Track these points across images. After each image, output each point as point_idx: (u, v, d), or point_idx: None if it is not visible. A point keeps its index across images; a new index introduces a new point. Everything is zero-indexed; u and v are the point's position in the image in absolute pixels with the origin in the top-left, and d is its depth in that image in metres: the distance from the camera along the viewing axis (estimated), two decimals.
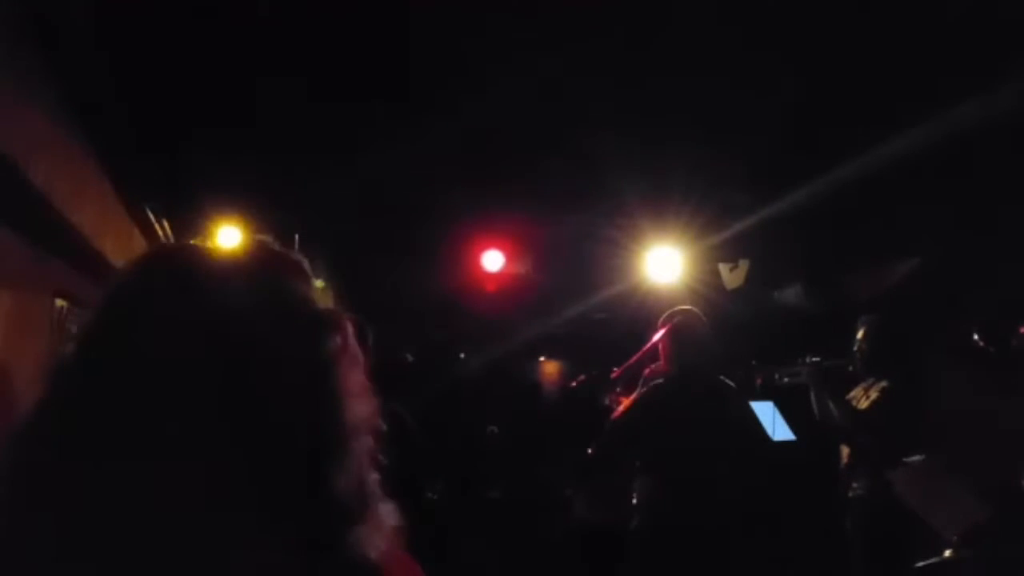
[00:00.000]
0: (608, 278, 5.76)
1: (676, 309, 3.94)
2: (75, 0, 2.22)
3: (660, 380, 3.80)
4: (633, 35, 3.11)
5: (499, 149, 4.13)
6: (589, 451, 3.88)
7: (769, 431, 4.94)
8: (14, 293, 2.24)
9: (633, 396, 3.86)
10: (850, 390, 4.08)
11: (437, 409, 5.37)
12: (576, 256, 5.73)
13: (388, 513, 0.78)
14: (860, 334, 4.06)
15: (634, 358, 4.12)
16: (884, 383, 3.88)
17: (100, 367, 0.71)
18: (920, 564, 2.70)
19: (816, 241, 5.30)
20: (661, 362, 3.89)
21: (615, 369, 4.31)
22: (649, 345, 4.00)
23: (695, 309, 3.97)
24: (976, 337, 3.76)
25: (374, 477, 0.78)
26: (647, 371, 3.95)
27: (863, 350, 4.05)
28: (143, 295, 0.75)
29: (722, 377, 3.86)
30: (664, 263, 5.39)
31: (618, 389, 4.36)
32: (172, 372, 0.69)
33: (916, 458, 3.12)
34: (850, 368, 4.14)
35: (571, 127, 3.78)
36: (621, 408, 3.85)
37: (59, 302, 2.64)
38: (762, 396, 4.85)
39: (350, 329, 0.82)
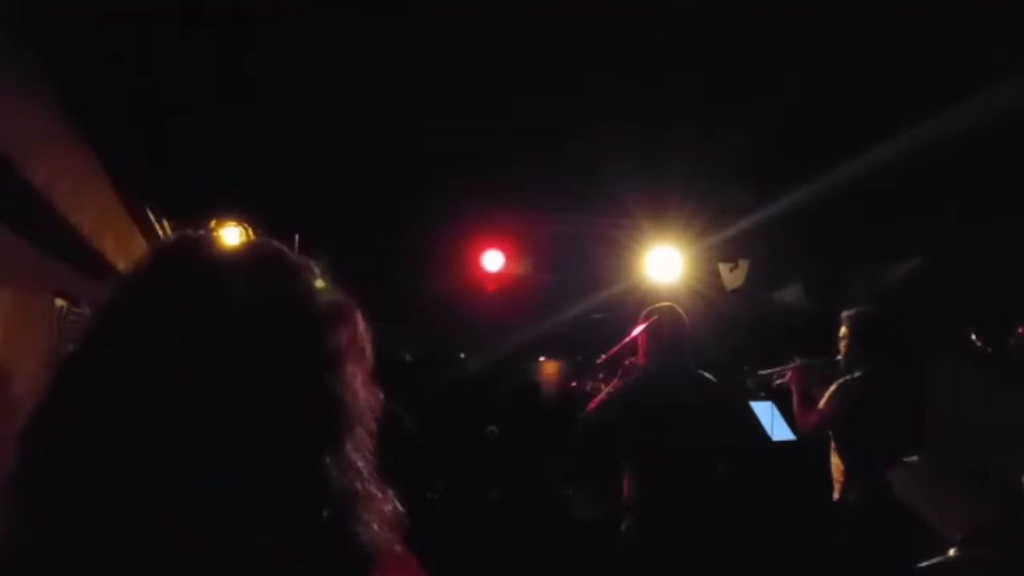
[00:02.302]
0: (608, 278, 5.76)
1: (656, 306, 3.97)
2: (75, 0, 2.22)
3: (634, 376, 3.85)
4: (634, 33, 3.11)
5: (499, 149, 4.13)
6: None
7: (768, 431, 4.95)
8: (14, 293, 2.23)
9: (608, 389, 3.93)
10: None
11: (437, 409, 5.36)
12: (576, 256, 5.72)
13: (389, 508, 0.78)
14: (841, 332, 4.06)
15: (617, 347, 4.17)
16: (841, 380, 3.88)
17: (102, 366, 0.71)
18: (923, 564, 2.69)
19: (816, 241, 5.30)
20: (639, 357, 3.94)
21: (602, 356, 4.38)
22: (632, 335, 4.04)
23: (676, 306, 3.98)
24: (974, 337, 3.76)
25: (375, 471, 0.78)
26: (626, 363, 4.00)
27: (841, 347, 4.05)
28: (146, 294, 0.75)
29: (701, 372, 3.88)
30: (664, 263, 5.39)
31: (600, 375, 4.42)
32: (176, 370, 0.69)
33: (916, 458, 3.12)
34: (828, 372, 4.13)
35: (571, 127, 3.78)
36: (596, 400, 3.92)
37: (59, 302, 2.64)
38: (762, 396, 4.85)
39: (359, 320, 0.82)
